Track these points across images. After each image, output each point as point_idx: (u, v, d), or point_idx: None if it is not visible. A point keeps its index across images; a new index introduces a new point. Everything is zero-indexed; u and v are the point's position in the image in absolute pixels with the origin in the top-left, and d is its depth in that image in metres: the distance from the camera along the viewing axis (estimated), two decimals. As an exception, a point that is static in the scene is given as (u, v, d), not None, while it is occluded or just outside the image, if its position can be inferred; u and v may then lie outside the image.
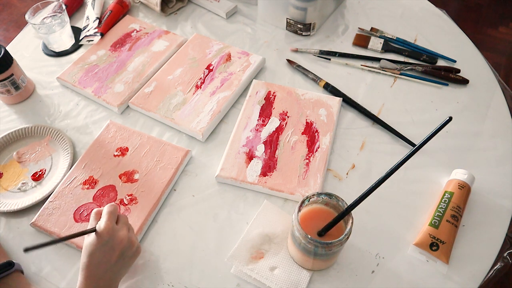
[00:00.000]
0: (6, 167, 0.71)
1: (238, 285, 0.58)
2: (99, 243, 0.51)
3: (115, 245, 0.52)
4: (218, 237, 0.62)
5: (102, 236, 0.51)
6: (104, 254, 0.51)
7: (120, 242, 0.52)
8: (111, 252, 0.52)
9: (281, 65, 0.85)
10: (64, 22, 0.85)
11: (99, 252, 0.51)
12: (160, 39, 0.88)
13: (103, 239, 0.51)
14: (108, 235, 0.52)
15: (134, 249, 0.55)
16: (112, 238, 0.52)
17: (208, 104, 0.75)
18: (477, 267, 0.59)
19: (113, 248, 0.52)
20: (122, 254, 0.53)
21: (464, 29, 0.91)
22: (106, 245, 0.51)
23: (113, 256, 0.52)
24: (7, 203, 0.66)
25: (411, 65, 0.82)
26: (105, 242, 0.51)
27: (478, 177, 0.65)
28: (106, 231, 0.51)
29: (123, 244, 0.53)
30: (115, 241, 0.52)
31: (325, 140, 0.70)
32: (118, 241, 0.52)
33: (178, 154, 0.69)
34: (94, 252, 0.51)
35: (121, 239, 0.53)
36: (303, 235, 0.50)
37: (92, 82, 0.80)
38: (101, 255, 0.51)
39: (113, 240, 0.52)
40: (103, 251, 0.51)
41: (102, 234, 0.51)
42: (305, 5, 0.83)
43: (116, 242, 0.52)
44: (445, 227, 0.59)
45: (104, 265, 0.51)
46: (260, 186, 0.66)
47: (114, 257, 0.52)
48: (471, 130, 0.73)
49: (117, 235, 0.52)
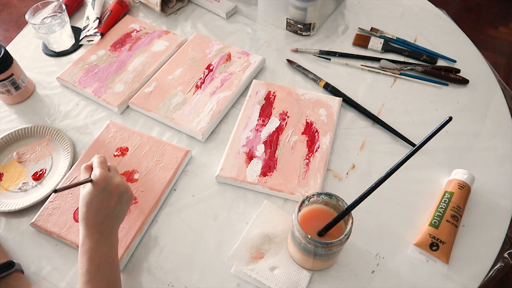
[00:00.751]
0: (7, 167, 0.71)
1: (238, 285, 0.58)
2: (97, 190, 0.53)
3: (113, 190, 0.54)
4: (218, 237, 0.62)
5: (98, 183, 0.53)
6: (103, 201, 0.53)
7: (117, 187, 0.55)
8: (109, 197, 0.54)
9: (281, 65, 0.85)
10: (64, 22, 0.85)
11: (97, 200, 0.53)
12: (160, 39, 0.88)
13: (100, 186, 0.53)
14: (105, 182, 0.53)
15: (129, 194, 0.57)
16: (108, 184, 0.54)
17: (208, 104, 0.75)
18: (477, 267, 0.59)
19: (111, 193, 0.54)
20: (119, 199, 0.55)
21: (464, 29, 0.91)
22: (104, 191, 0.53)
23: (112, 201, 0.54)
24: (8, 203, 0.66)
25: (411, 65, 0.82)
26: (102, 189, 0.53)
27: (478, 177, 0.65)
28: (102, 178, 0.53)
29: (120, 189, 0.55)
30: (112, 186, 0.54)
31: (325, 140, 0.70)
32: (115, 186, 0.54)
33: (178, 154, 0.69)
34: (92, 200, 0.53)
35: (118, 184, 0.55)
36: (303, 235, 0.50)
37: (92, 82, 0.80)
38: (100, 202, 0.53)
39: (110, 186, 0.54)
40: (101, 198, 0.53)
41: (99, 182, 0.53)
42: (305, 5, 0.83)
43: (113, 188, 0.54)
44: (445, 227, 0.59)
45: (104, 211, 0.53)
46: (260, 186, 0.66)
47: (112, 202, 0.54)
48: (471, 130, 0.73)
49: (113, 181, 0.55)
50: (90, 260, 0.51)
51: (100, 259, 0.51)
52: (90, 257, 0.51)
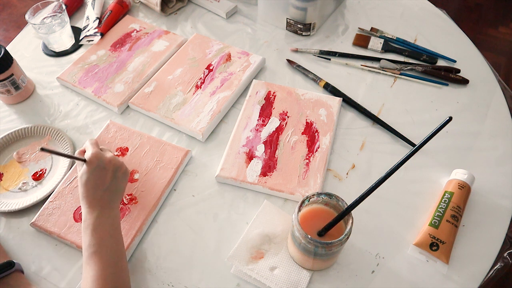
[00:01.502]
0: (7, 167, 0.71)
1: (238, 285, 0.58)
2: (91, 168, 0.55)
3: (106, 165, 0.56)
4: (218, 237, 0.62)
5: (91, 162, 0.56)
6: (99, 177, 0.55)
7: (109, 161, 0.57)
8: (104, 172, 0.56)
9: (281, 65, 0.85)
10: (64, 22, 0.85)
11: (93, 177, 0.55)
12: (160, 39, 0.88)
13: (93, 164, 0.55)
14: (97, 159, 0.56)
15: (124, 169, 0.59)
16: (101, 161, 0.56)
17: (208, 104, 0.75)
18: (477, 267, 0.59)
19: (105, 168, 0.56)
20: (114, 174, 0.57)
21: (464, 29, 0.91)
22: (97, 168, 0.56)
23: (107, 176, 0.56)
24: (8, 203, 0.66)
25: (411, 65, 0.82)
26: (95, 166, 0.55)
27: (478, 177, 0.65)
28: (94, 156, 0.56)
29: (113, 163, 0.57)
30: (105, 162, 0.57)
31: (325, 140, 0.70)
32: (107, 161, 0.57)
33: (178, 154, 0.69)
34: (89, 178, 0.55)
35: (110, 159, 0.57)
36: (303, 235, 0.50)
37: (92, 82, 0.80)
38: (96, 178, 0.55)
39: (103, 162, 0.56)
40: (96, 175, 0.55)
41: (91, 160, 0.56)
42: (305, 5, 0.83)
43: (106, 162, 0.57)
44: (445, 227, 0.59)
45: (101, 186, 0.55)
46: (260, 186, 0.66)
47: (108, 177, 0.56)
48: (471, 130, 0.73)
49: (105, 157, 0.57)
50: (92, 234, 0.52)
51: (103, 232, 0.53)
52: (92, 230, 0.53)
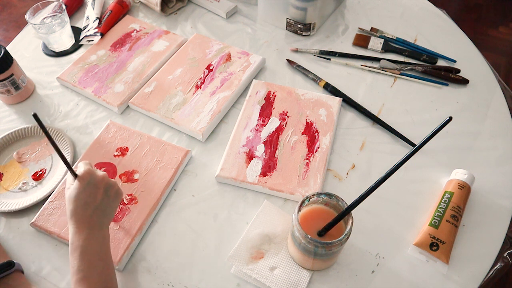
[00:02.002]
0: (7, 168, 0.71)
1: (238, 285, 0.58)
2: (82, 185, 0.53)
3: (98, 183, 0.55)
4: (218, 237, 0.62)
5: (83, 178, 0.54)
6: (89, 194, 0.53)
7: (101, 179, 0.55)
8: (95, 190, 0.54)
9: (281, 65, 0.85)
10: (64, 22, 0.85)
11: (83, 194, 0.53)
12: (160, 39, 0.88)
13: (85, 180, 0.54)
14: (89, 175, 0.54)
15: (116, 189, 0.57)
16: (93, 177, 0.54)
17: (208, 104, 0.75)
18: (477, 267, 0.59)
19: (96, 185, 0.54)
20: (105, 192, 0.55)
21: (464, 29, 0.91)
22: (89, 185, 0.54)
23: (98, 194, 0.54)
24: (8, 203, 0.66)
25: (411, 65, 0.82)
26: (87, 183, 0.54)
27: (478, 177, 0.65)
28: (86, 172, 0.54)
29: (105, 181, 0.55)
30: (97, 179, 0.55)
31: (325, 140, 0.70)
32: (99, 179, 0.55)
33: (178, 154, 0.69)
34: (79, 196, 0.53)
35: (102, 177, 0.56)
36: (303, 235, 0.50)
37: (92, 82, 0.80)
38: (86, 196, 0.53)
39: (95, 178, 0.55)
40: (88, 192, 0.53)
41: (84, 176, 0.54)
42: (305, 5, 0.83)
43: (98, 180, 0.55)
44: (445, 227, 0.59)
45: (91, 205, 0.53)
46: (260, 186, 0.66)
47: (99, 195, 0.54)
48: (471, 130, 0.73)
49: (97, 174, 0.55)
50: (81, 257, 0.50)
51: (91, 255, 0.51)
52: (80, 253, 0.51)
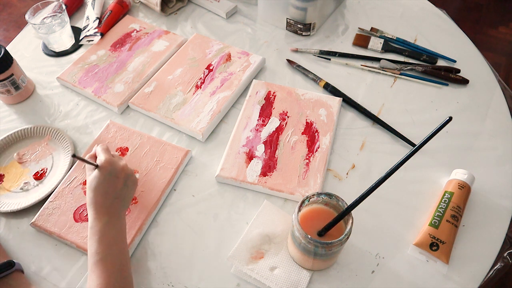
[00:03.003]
0: (7, 169, 0.71)
1: (238, 285, 0.58)
2: (103, 174, 0.55)
3: (118, 173, 0.56)
4: (218, 237, 0.62)
5: (105, 168, 0.55)
6: (110, 184, 0.55)
7: (122, 170, 0.57)
8: (116, 180, 0.55)
9: (281, 65, 0.85)
10: (64, 22, 0.85)
11: (104, 183, 0.54)
12: (160, 39, 0.88)
13: (106, 170, 0.55)
14: (110, 165, 0.55)
15: (134, 178, 0.59)
16: (114, 168, 0.56)
17: (208, 104, 0.75)
18: (477, 267, 0.59)
19: (117, 176, 0.56)
20: (125, 182, 0.57)
21: (464, 29, 0.91)
22: (110, 175, 0.55)
23: (118, 184, 0.56)
24: (10, 203, 0.66)
25: (411, 65, 0.82)
26: (108, 173, 0.55)
27: (478, 177, 0.65)
28: (107, 162, 0.55)
29: (125, 172, 0.57)
30: (117, 169, 0.56)
31: (325, 140, 0.70)
32: (120, 169, 0.56)
33: (178, 154, 0.69)
34: (100, 185, 0.54)
35: (122, 167, 0.57)
36: (303, 235, 0.50)
37: (92, 82, 0.80)
38: (107, 186, 0.55)
39: (116, 169, 0.56)
40: (108, 182, 0.55)
41: (104, 166, 0.55)
42: (305, 5, 0.83)
43: (119, 170, 0.56)
44: (445, 227, 0.59)
45: (111, 194, 0.55)
46: (260, 186, 0.66)
47: (119, 185, 0.56)
48: (471, 130, 0.73)
49: (118, 164, 0.57)
50: (99, 241, 0.52)
51: (109, 240, 0.53)
52: (99, 238, 0.52)
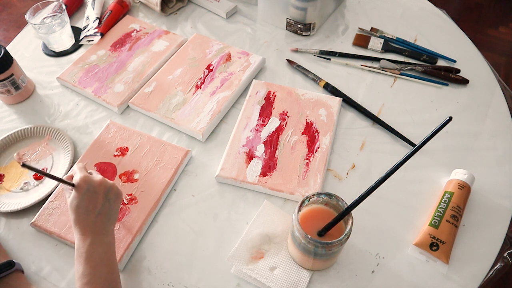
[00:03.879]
0: (7, 169, 0.71)
1: (238, 285, 0.58)
2: (80, 193, 0.53)
3: (96, 188, 0.54)
4: (218, 237, 0.62)
5: (81, 186, 0.53)
6: (90, 201, 0.53)
7: (99, 184, 0.55)
8: (95, 196, 0.54)
9: (281, 65, 0.85)
10: (64, 22, 0.85)
11: (84, 202, 0.53)
12: (160, 39, 0.88)
13: (83, 188, 0.53)
14: (86, 183, 0.54)
15: (116, 190, 0.57)
16: (90, 184, 0.54)
17: (208, 104, 0.75)
18: (477, 267, 0.59)
19: (96, 191, 0.54)
20: (106, 196, 0.55)
21: (464, 29, 0.91)
22: (87, 192, 0.53)
23: (99, 200, 0.54)
24: (10, 203, 0.66)
25: (411, 65, 0.82)
26: (85, 190, 0.53)
27: (478, 177, 0.65)
28: (82, 181, 0.54)
29: (103, 186, 0.55)
30: (95, 185, 0.54)
31: (325, 140, 0.70)
32: (98, 184, 0.55)
33: (178, 154, 0.69)
34: (80, 204, 0.53)
35: (100, 182, 0.55)
36: (303, 235, 0.50)
37: (92, 82, 0.80)
38: (87, 203, 0.53)
39: (92, 185, 0.54)
40: (87, 199, 0.53)
41: (80, 185, 0.53)
42: (305, 5, 0.83)
43: (96, 186, 0.54)
44: (445, 227, 0.59)
45: (93, 211, 0.53)
46: (260, 186, 0.66)
47: (100, 200, 0.54)
48: (471, 130, 0.73)
49: (94, 180, 0.55)
50: (86, 262, 0.50)
51: (97, 260, 0.51)
52: (86, 258, 0.51)
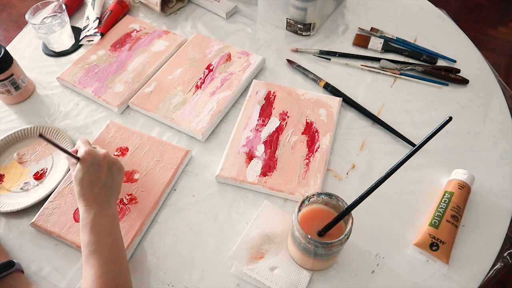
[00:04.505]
0: (7, 169, 0.71)
1: (238, 285, 0.58)
2: (85, 166, 0.55)
3: (100, 162, 0.56)
4: (218, 237, 0.62)
5: (85, 159, 0.55)
6: (94, 174, 0.55)
7: (103, 158, 0.57)
8: (99, 169, 0.56)
9: (281, 65, 0.85)
10: (64, 22, 0.85)
11: (88, 175, 0.55)
12: (160, 39, 0.88)
13: (87, 161, 0.55)
14: (90, 156, 0.56)
15: (119, 164, 0.59)
16: (95, 158, 0.56)
17: (208, 104, 0.75)
18: (477, 267, 0.59)
19: (99, 165, 0.56)
20: (109, 169, 0.57)
21: (464, 29, 0.91)
22: (92, 165, 0.55)
23: (102, 172, 0.56)
24: (10, 203, 0.66)
25: (411, 65, 0.82)
26: (89, 163, 0.55)
27: (478, 177, 0.65)
28: (87, 154, 0.56)
29: (107, 159, 0.57)
30: (99, 158, 0.56)
31: (325, 140, 0.70)
32: (101, 157, 0.57)
33: (178, 154, 0.69)
34: (84, 177, 0.55)
35: (104, 155, 0.57)
36: (303, 235, 0.50)
37: (92, 82, 0.80)
38: (91, 176, 0.55)
39: (97, 158, 0.56)
40: (91, 172, 0.55)
41: (85, 158, 0.56)
42: (305, 5, 0.83)
43: (100, 159, 0.56)
44: (445, 227, 0.59)
45: (97, 183, 0.55)
46: (260, 186, 0.66)
47: (103, 173, 0.56)
48: (471, 130, 0.73)
49: (98, 154, 0.57)
50: (91, 232, 0.52)
51: (101, 230, 0.53)
52: (91, 229, 0.52)
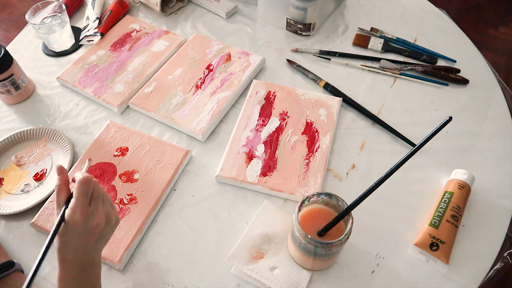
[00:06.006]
0: (6, 172, 0.70)
1: (238, 285, 0.58)
2: (72, 232, 0.45)
3: (92, 229, 0.46)
4: (218, 237, 0.62)
5: (74, 226, 0.45)
6: (81, 240, 0.46)
7: (96, 226, 0.47)
8: (88, 236, 0.46)
9: (281, 65, 0.85)
10: (64, 22, 0.85)
11: (74, 240, 0.46)
12: (160, 39, 0.88)
13: (75, 229, 0.45)
14: (82, 223, 0.45)
15: (113, 223, 0.50)
16: (87, 224, 0.46)
17: (208, 104, 0.75)
18: (477, 267, 0.59)
19: (90, 232, 0.46)
20: (101, 235, 0.48)
21: (464, 29, 0.91)
22: (81, 232, 0.46)
23: (91, 239, 0.47)
24: (11, 205, 0.65)
25: (411, 65, 0.82)
26: (78, 230, 0.46)
27: (478, 177, 0.65)
28: (75, 221, 0.45)
29: (100, 227, 0.47)
30: (91, 226, 0.46)
31: (325, 140, 0.70)
32: (94, 225, 0.47)
33: (178, 154, 0.69)
34: (68, 240, 0.45)
35: (97, 223, 0.47)
36: (303, 235, 0.50)
37: (92, 82, 0.80)
38: (78, 242, 0.46)
39: (88, 226, 0.46)
40: (79, 238, 0.46)
41: (74, 224, 0.45)
42: (305, 5, 0.83)
43: (93, 227, 0.46)
44: (445, 227, 0.59)
45: (82, 249, 0.46)
46: (260, 186, 0.66)
47: (92, 240, 0.47)
48: (471, 130, 0.73)
49: (92, 221, 0.46)
50: None
51: None
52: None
